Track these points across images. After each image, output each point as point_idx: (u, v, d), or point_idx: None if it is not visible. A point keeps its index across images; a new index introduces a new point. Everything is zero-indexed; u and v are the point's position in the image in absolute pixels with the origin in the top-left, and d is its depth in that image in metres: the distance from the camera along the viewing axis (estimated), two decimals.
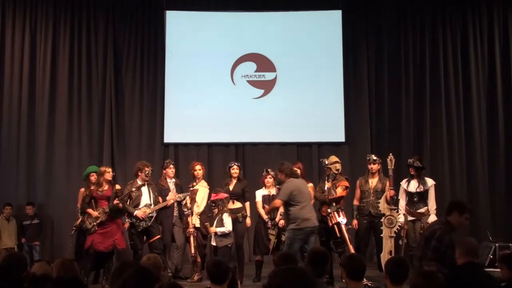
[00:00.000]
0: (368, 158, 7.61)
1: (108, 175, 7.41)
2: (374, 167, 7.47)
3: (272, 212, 7.35)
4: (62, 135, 9.72)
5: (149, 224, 7.29)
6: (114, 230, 7.33)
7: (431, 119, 9.75)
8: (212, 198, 7.34)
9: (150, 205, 7.35)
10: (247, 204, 7.70)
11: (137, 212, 7.25)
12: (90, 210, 7.27)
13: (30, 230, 8.96)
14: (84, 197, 7.45)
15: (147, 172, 7.41)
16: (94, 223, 7.20)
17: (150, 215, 7.30)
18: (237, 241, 7.47)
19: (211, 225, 7.26)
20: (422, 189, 7.34)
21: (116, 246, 7.32)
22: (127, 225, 7.52)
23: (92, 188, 7.37)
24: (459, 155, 9.65)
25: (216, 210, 7.25)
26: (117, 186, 7.61)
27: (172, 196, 7.62)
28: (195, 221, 7.48)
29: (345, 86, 9.85)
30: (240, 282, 6.75)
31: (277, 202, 6.75)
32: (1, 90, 9.64)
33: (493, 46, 9.73)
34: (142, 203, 7.35)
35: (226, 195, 7.35)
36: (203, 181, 7.89)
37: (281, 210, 7.49)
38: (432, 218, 7.29)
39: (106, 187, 7.37)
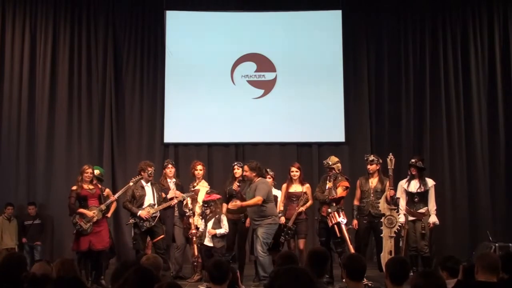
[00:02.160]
0: (365, 158, 7.63)
1: (86, 175, 7.31)
2: (372, 167, 7.48)
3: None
4: (62, 135, 9.71)
5: (153, 224, 7.26)
6: (106, 228, 7.40)
7: (431, 119, 9.73)
8: (204, 199, 7.30)
9: (154, 205, 7.31)
10: None
11: (140, 212, 7.20)
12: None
13: (32, 230, 8.93)
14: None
15: (150, 172, 7.39)
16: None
17: (153, 215, 7.26)
18: (239, 242, 7.46)
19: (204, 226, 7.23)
20: (422, 190, 7.35)
21: (111, 244, 7.34)
22: (131, 222, 7.43)
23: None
24: (459, 155, 9.63)
25: (208, 211, 7.22)
26: (98, 186, 7.62)
27: (173, 194, 7.60)
28: (197, 222, 7.47)
29: (345, 86, 9.84)
30: (240, 282, 6.73)
31: (259, 199, 6.78)
32: (1, 90, 9.62)
33: (493, 46, 9.71)
34: (146, 203, 7.31)
35: (218, 196, 7.34)
36: (203, 181, 7.89)
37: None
38: (432, 218, 7.31)
39: (92, 186, 7.36)
